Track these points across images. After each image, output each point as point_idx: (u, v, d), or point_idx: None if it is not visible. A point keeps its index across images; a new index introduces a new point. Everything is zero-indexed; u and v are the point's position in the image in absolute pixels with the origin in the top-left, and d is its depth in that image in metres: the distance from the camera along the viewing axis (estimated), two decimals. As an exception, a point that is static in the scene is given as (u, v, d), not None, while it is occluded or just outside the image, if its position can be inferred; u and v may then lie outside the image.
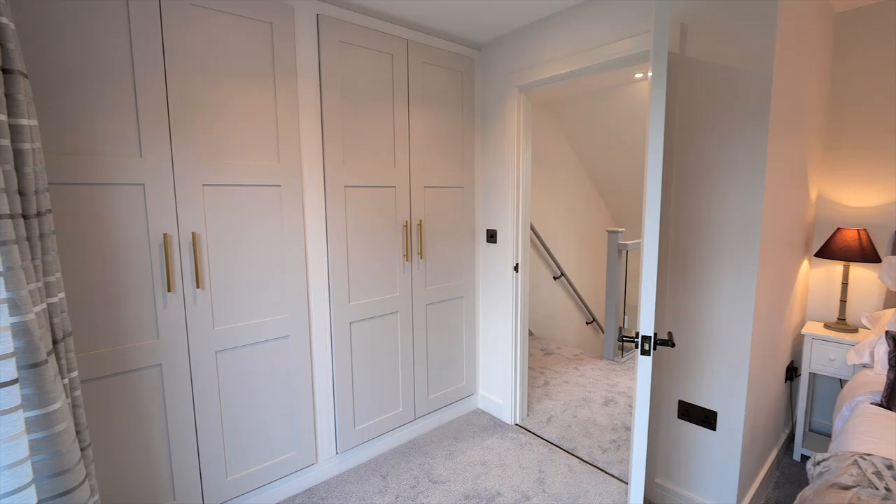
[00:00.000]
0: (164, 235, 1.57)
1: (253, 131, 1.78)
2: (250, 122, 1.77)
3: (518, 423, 2.62)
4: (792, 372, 2.24)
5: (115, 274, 1.51)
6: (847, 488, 1.09)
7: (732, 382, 1.69)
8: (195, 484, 1.73)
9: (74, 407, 1.14)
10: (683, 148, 1.76)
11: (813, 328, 2.16)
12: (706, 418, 1.77)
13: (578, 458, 2.28)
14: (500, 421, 2.66)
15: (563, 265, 4.32)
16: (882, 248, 2.13)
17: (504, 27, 2.31)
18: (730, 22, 1.59)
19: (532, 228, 3.98)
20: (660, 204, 1.20)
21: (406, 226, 2.31)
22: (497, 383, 2.69)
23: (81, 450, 1.14)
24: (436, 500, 1.99)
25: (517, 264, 2.50)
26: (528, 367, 3.39)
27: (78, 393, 1.15)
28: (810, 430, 2.40)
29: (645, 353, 1.23)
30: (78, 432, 1.15)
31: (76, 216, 1.43)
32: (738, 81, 1.59)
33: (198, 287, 1.66)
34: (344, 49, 2.01)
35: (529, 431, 2.53)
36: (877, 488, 1.08)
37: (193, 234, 1.64)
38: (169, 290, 1.60)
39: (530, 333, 4.15)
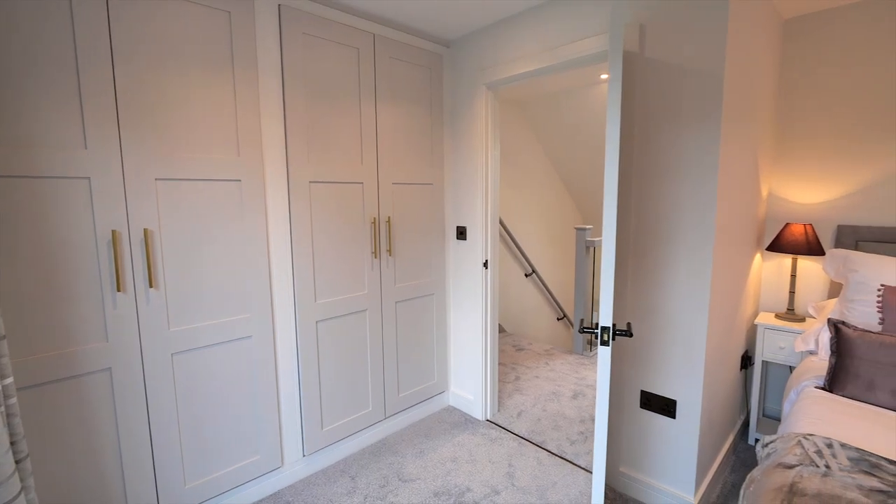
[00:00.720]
0: (113, 232, 1.49)
1: (211, 125, 1.71)
2: (208, 116, 1.70)
3: (489, 418, 2.64)
4: (747, 360, 2.35)
5: (58, 273, 1.42)
6: (791, 467, 1.15)
7: (690, 372, 1.75)
8: (150, 493, 1.66)
9: (9, 416, 1.06)
10: (644, 145, 1.81)
11: (765, 318, 2.26)
12: (666, 407, 1.82)
13: (547, 450, 2.31)
14: (472, 417, 2.66)
15: (534, 262, 4.37)
16: (826, 241, 2.26)
17: (472, 24, 2.31)
18: (685, 24, 1.65)
19: (503, 226, 4.01)
20: (616, 199, 1.23)
21: (374, 222, 2.29)
22: (468, 380, 2.70)
23: (17, 461, 1.07)
24: (405, 498, 1.97)
25: (486, 261, 2.51)
26: (500, 363, 3.42)
27: (13, 401, 1.07)
28: (764, 415, 2.52)
29: (604, 343, 1.25)
30: (13, 443, 1.07)
31: (13, 211, 1.33)
32: (692, 81, 1.65)
33: (151, 286, 1.59)
34: (308, 41, 1.97)
35: (500, 426, 2.55)
36: (817, 466, 1.14)
37: (145, 230, 1.56)
38: (119, 290, 1.52)
39: (502, 330, 4.19)
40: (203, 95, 1.68)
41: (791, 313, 2.24)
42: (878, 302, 1.75)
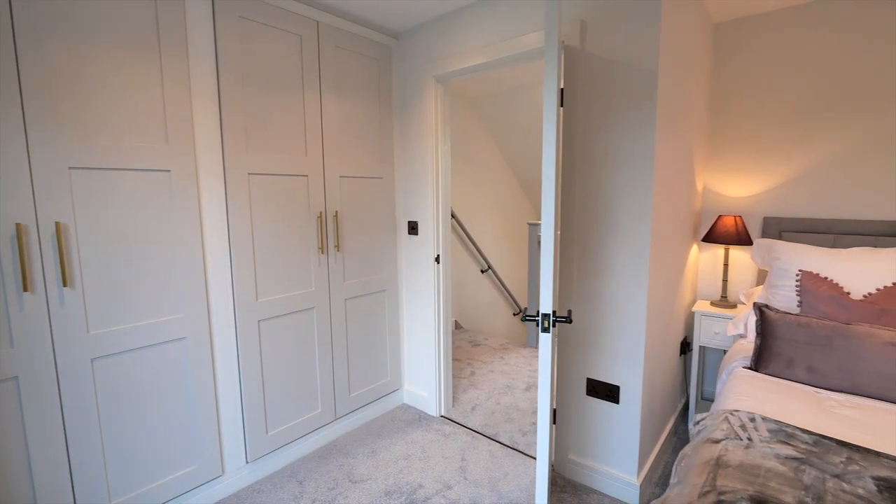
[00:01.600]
0: (18, 226, 1.35)
1: (135, 111, 1.59)
2: (132, 101, 1.57)
3: (443, 414, 2.62)
4: (686, 346, 2.47)
5: (-52, 272, 1.26)
6: (718, 441, 1.21)
7: (632, 358, 1.81)
8: (68, 512, 1.51)
9: None
10: (586, 138, 1.85)
11: (701, 306, 2.39)
12: (610, 393, 1.88)
13: (500, 443, 2.32)
14: (426, 414, 2.64)
15: (490, 258, 4.41)
16: (754, 232, 2.41)
17: (419, 16, 2.29)
18: (621, 21, 1.70)
19: (458, 223, 4.02)
20: (554, 190, 1.25)
21: (321, 217, 2.21)
22: (422, 377, 2.67)
23: None
24: (355, 499, 1.92)
25: (438, 255, 2.50)
26: (456, 359, 3.42)
27: None
28: (702, 398, 2.66)
29: (545, 330, 1.26)
30: None
31: None
32: (630, 76, 1.70)
33: (65, 286, 1.45)
34: (245, 26, 1.87)
35: (454, 422, 2.54)
36: (741, 439, 1.20)
37: (57, 224, 1.42)
38: (26, 290, 1.37)
39: (459, 326, 4.20)
40: (125, 80, 1.56)
41: (724, 300, 2.38)
42: (797, 286, 1.88)
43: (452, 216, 3.93)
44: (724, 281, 2.38)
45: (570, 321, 1.30)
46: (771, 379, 1.64)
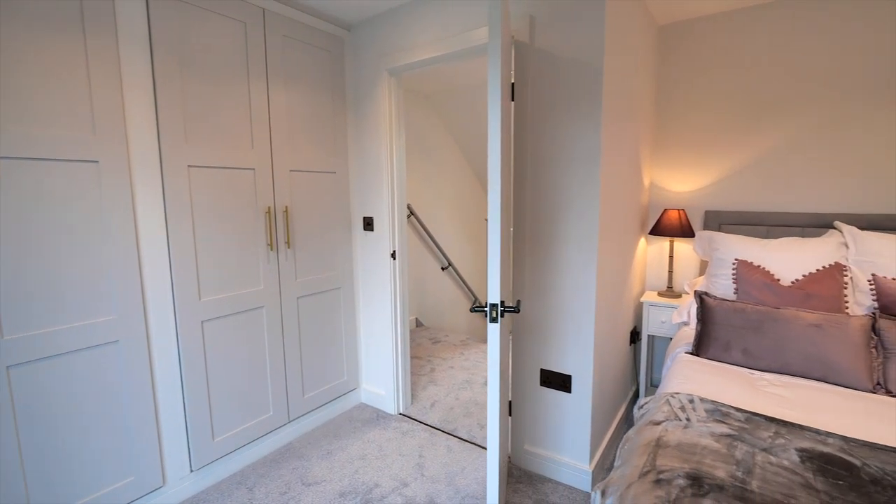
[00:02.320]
0: (-89, 220, 1.21)
1: (55, 97, 1.46)
2: (52, 87, 1.45)
3: (402, 412, 2.59)
4: (635, 335, 2.56)
5: None
6: (659, 423, 1.25)
7: (582, 347, 1.85)
8: (-21, 536, 1.37)
9: None
10: (537, 133, 1.87)
11: (649, 296, 2.48)
12: (563, 382, 1.91)
13: (458, 437, 2.32)
14: (384, 412, 2.60)
15: (450, 255, 4.41)
16: (697, 225, 2.53)
17: (372, 8, 2.25)
18: (568, 17, 1.73)
19: (418, 220, 3.99)
20: (500, 180, 1.25)
21: (269, 212, 2.13)
22: (380, 375, 2.63)
23: None
24: (308, 503, 1.86)
25: (394, 251, 2.46)
26: (416, 357, 3.40)
27: None
28: (652, 384, 2.77)
29: (493, 320, 1.27)
30: None
31: None
32: (577, 72, 1.74)
33: (-29, 286, 1.31)
34: (183, 9, 1.76)
35: (412, 419, 2.52)
36: (680, 419, 1.25)
37: (-39, 218, 1.28)
38: (-78, 292, 1.23)
39: (420, 324, 4.17)
40: (44, 63, 1.43)
41: (670, 291, 2.49)
42: (734, 274, 1.99)
43: (411, 213, 3.90)
44: (670, 272, 2.49)
45: (518, 311, 1.31)
46: (710, 362, 1.72)
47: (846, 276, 1.81)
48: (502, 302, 1.31)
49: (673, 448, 1.14)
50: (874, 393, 1.48)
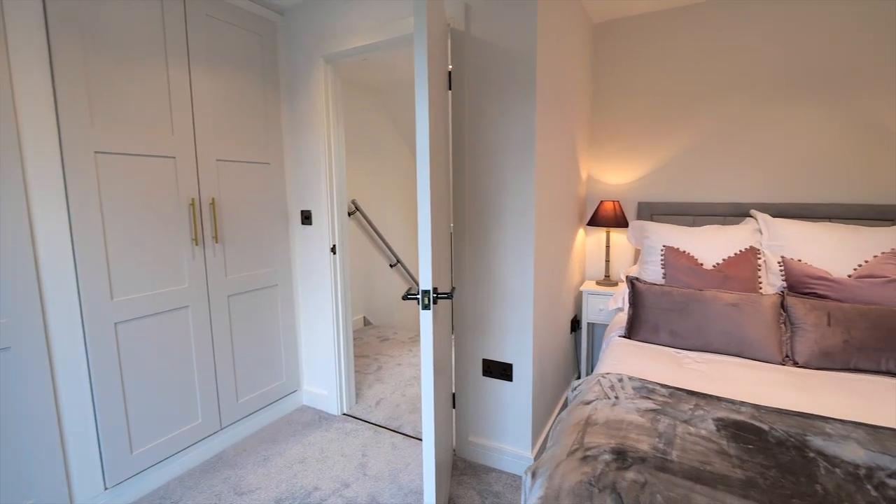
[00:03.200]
0: None
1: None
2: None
3: (346, 412, 2.51)
4: (575, 324, 2.63)
5: None
6: (589, 402, 1.27)
7: (522, 336, 1.87)
8: None
9: None
10: (475, 121, 1.87)
11: (588, 286, 2.56)
12: (504, 371, 1.92)
13: (403, 434, 2.27)
14: (326, 413, 2.50)
15: (399, 252, 4.35)
16: (631, 216, 2.64)
17: (302, -10, 2.15)
18: (502, 8, 1.74)
19: (365, 217, 3.90)
20: (429, 164, 1.22)
21: (193, 204, 1.98)
22: (322, 375, 2.53)
23: None
24: (239, 513, 1.74)
25: (334, 246, 2.38)
26: (363, 356, 3.31)
27: None
28: (592, 371, 2.85)
29: (426, 307, 1.24)
30: None
31: None
32: (512, 61, 1.75)
33: None
34: (82, -21, 1.60)
35: (356, 418, 2.44)
36: (609, 398, 1.28)
37: None
38: None
39: (368, 322, 4.08)
40: None
41: (608, 279, 2.57)
42: (662, 260, 2.09)
43: (357, 209, 3.80)
44: (607, 261, 2.58)
45: (452, 297, 1.29)
46: (641, 344, 1.79)
47: (760, 259, 1.95)
48: (435, 289, 1.28)
49: (601, 425, 1.16)
50: (783, 365, 1.59)
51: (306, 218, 2.43)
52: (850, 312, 1.56)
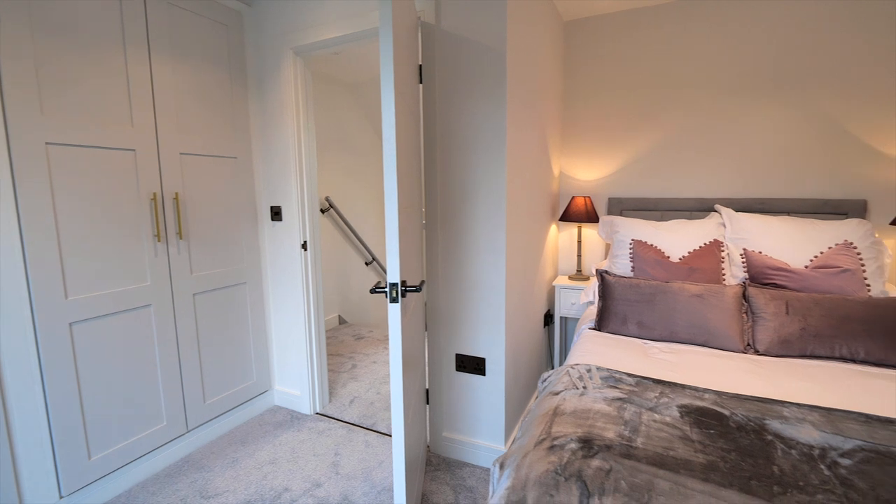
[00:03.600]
0: None
1: None
2: None
3: (319, 411, 2.46)
4: (549, 318, 2.66)
5: None
6: (558, 393, 1.28)
7: (494, 330, 1.87)
8: None
9: None
10: (446, 115, 1.86)
11: (561, 280, 2.59)
12: (477, 366, 1.92)
13: (377, 431, 2.25)
14: (299, 413, 2.45)
15: (374, 250, 4.31)
16: (602, 211, 2.69)
17: (270, -21, 2.10)
18: (472, 2, 1.73)
19: (339, 214, 3.84)
20: (395, 157, 1.21)
21: (155, 199, 1.90)
22: (294, 375, 2.47)
23: None
24: (205, 517, 1.68)
25: (305, 242, 2.33)
26: (337, 354, 3.26)
27: None
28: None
29: (394, 300, 1.22)
30: None
31: None
32: (482, 55, 1.75)
33: None
34: (29, -41, 1.51)
35: (330, 417, 2.40)
36: (577, 388, 1.30)
37: None
38: None
39: (343, 321, 4.02)
40: None
41: (580, 274, 2.61)
42: (631, 253, 2.13)
43: (331, 206, 3.75)
44: (579, 256, 2.62)
45: (420, 290, 1.28)
46: (609, 336, 1.82)
47: (723, 251, 2.01)
48: (403, 282, 1.27)
49: (569, 415, 1.16)
50: (745, 353, 1.65)
51: (276, 214, 2.37)
52: (806, 301, 1.62)
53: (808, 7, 2.12)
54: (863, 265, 1.79)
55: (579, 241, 2.60)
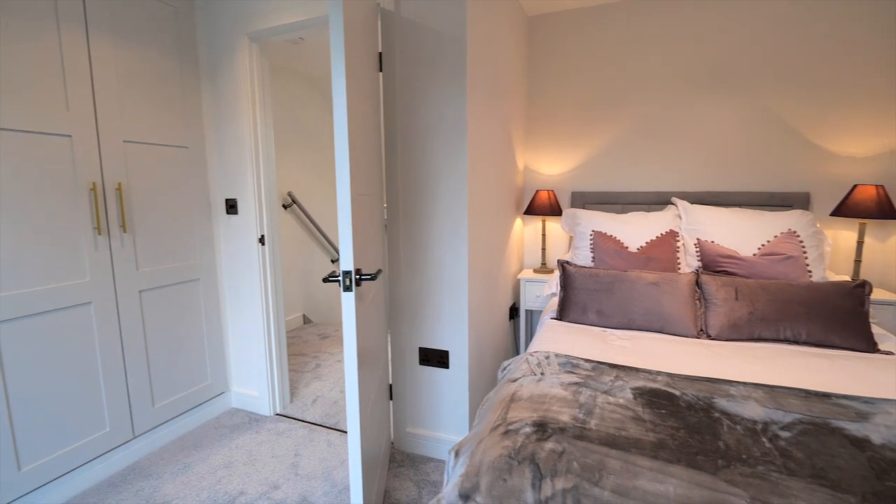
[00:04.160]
0: None
1: None
2: None
3: (279, 412, 2.38)
4: (514, 311, 2.67)
5: None
6: (516, 380, 1.27)
7: (458, 324, 1.85)
8: None
9: None
10: (407, 105, 1.83)
11: (526, 274, 2.60)
12: (441, 359, 1.90)
13: (340, 430, 2.19)
14: (258, 415, 2.36)
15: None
16: (566, 205, 2.72)
17: (221, -39, 2.01)
18: (431, -13, 1.72)
19: (303, 210, 3.74)
20: (347, 142, 1.17)
21: (95, 189, 1.78)
22: (253, 375, 2.37)
23: None
24: (151, 526, 1.58)
25: (263, 236, 2.24)
26: (301, 354, 3.17)
27: None
28: (533, 359, 2.91)
29: (347, 288, 1.18)
30: None
31: None
32: (442, 43, 1.73)
33: None
34: (-57, -77, 1.38)
35: (290, 418, 2.32)
36: (535, 375, 1.29)
37: None
38: None
39: (308, 320, 3.92)
40: None
41: (544, 267, 2.63)
42: (591, 244, 2.16)
43: (294, 202, 3.64)
44: (543, 249, 2.64)
45: (375, 279, 1.24)
46: (570, 325, 1.83)
47: (678, 241, 2.07)
48: (358, 270, 1.23)
49: (525, 401, 1.16)
50: (698, 338, 1.69)
51: (231, 207, 2.27)
52: (754, 287, 1.68)
53: (756, 8, 2.21)
54: (805, 253, 1.88)
55: (544, 235, 2.62)
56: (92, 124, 1.77)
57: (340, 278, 1.18)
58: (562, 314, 1.89)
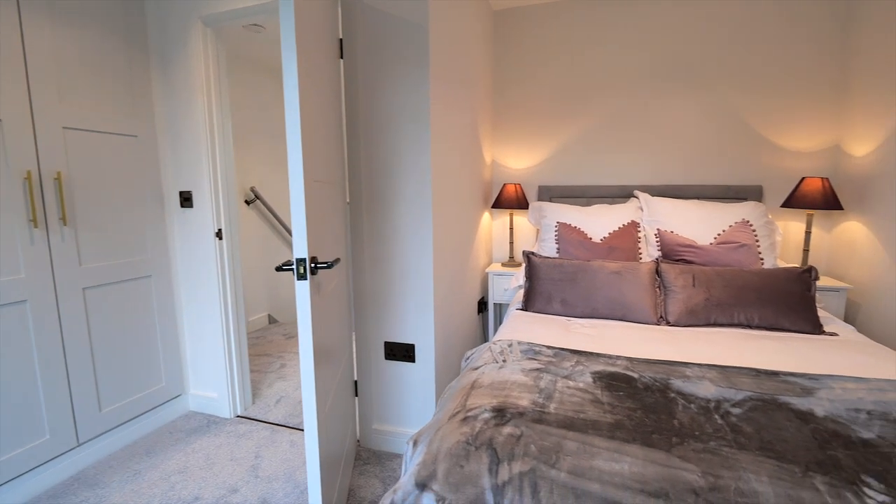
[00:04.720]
0: None
1: None
2: None
3: (240, 413, 2.28)
4: (483, 305, 2.66)
5: None
6: (478, 368, 1.26)
7: (424, 317, 1.82)
8: None
9: None
10: (369, 93, 1.79)
11: (494, 267, 2.60)
12: (407, 353, 1.86)
13: (303, 430, 2.12)
14: (217, 417, 2.26)
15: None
16: (533, 199, 2.74)
17: (171, -59, 1.91)
18: (392, -27, 1.68)
19: (267, 207, 3.62)
20: (300, 123, 1.12)
21: (29, 178, 1.65)
22: (211, 376, 2.27)
23: None
24: (94, 537, 1.48)
25: (220, 230, 2.15)
26: (265, 354, 3.06)
27: None
28: (503, 353, 2.92)
29: (301, 276, 1.13)
30: None
31: None
32: (405, 30, 1.70)
33: None
34: None
35: (252, 419, 2.23)
36: (497, 362, 1.28)
37: None
38: None
39: (273, 320, 3.80)
40: None
41: (512, 261, 2.64)
42: (556, 236, 2.18)
43: (258, 198, 3.52)
44: (511, 243, 2.65)
45: (332, 267, 1.20)
46: (535, 315, 1.84)
47: (640, 231, 2.11)
48: (313, 258, 1.18)
49: (486, 387, 1.14)
50: (658, 324, 1.73)
51: (186, 200, 2.17)
52: (710, 274, 1.73)
53: (709, 6, 2.28)
54: (757, 241, 1.95)
55: (511, 228, 2.63)
56: (26, 108, 1.65)
57: (294, 266, 1.13)
58: (527, 304, 1.89)
